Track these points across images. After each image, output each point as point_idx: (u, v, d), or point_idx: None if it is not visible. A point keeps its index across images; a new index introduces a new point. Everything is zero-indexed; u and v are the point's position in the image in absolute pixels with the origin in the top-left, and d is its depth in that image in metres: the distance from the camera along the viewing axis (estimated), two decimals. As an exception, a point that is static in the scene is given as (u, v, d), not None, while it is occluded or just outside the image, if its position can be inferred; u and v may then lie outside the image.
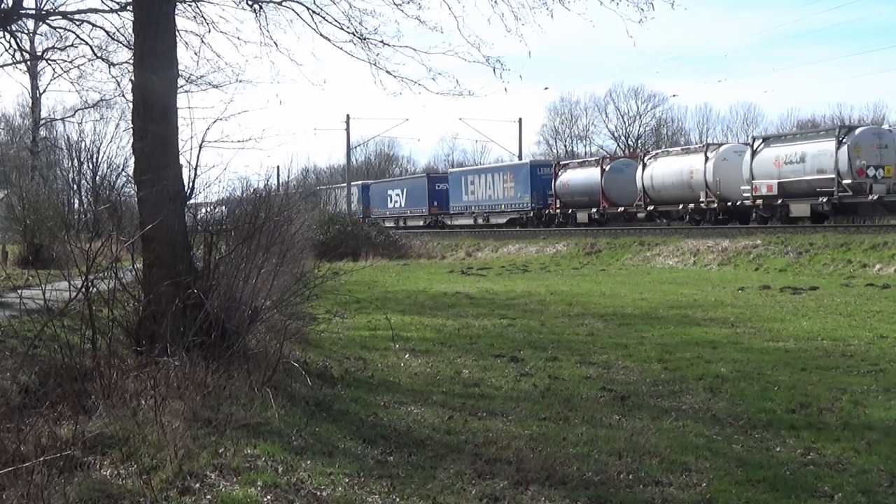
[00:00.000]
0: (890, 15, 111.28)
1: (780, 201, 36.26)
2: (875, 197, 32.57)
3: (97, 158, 47.38)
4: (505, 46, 38.19)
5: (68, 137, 49.03)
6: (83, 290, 8.10)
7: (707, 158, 40.61)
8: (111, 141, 50.16)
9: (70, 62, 24.89)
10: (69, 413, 7.60)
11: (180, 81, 12.11)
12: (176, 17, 11.20)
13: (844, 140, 33.73)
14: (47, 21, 23.02)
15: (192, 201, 11.03)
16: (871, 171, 33.13)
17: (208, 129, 10.92)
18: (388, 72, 15.31)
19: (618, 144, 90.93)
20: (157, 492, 6.16)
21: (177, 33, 11.58)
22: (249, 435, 7.54)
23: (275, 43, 17.35)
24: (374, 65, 15.26)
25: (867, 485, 6.73)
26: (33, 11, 22.96)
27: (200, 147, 10.60)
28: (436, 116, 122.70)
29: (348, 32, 15.04)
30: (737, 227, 37.75)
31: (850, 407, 9.13)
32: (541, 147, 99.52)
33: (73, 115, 42.89)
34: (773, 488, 6.67)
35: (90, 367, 8.43)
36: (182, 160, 10.50)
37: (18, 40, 23.66)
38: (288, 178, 20.16)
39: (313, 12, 14.97)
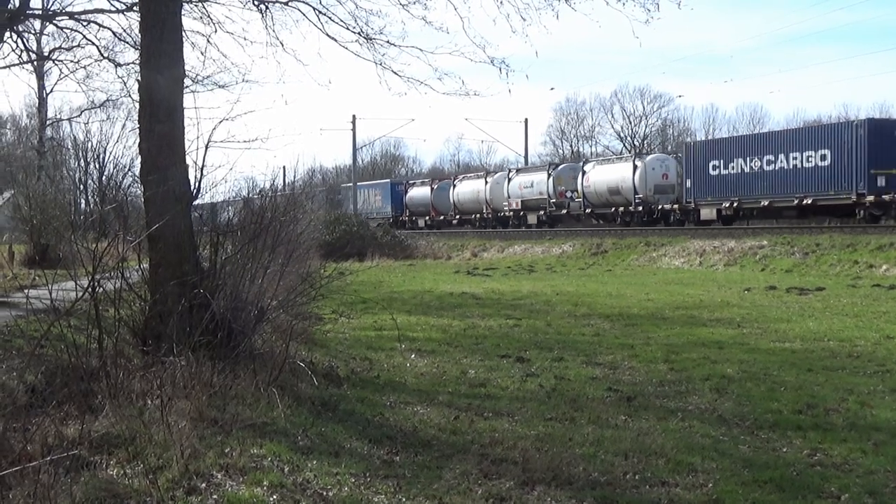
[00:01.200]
0: (894, 16, 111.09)
1: (522, 213, 54.83)
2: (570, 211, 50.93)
3: (103, 158, 47.53)
4: (511, 47, 38.17)
5: (75, 137, 49.20)
6: (90, 289, 8.11)
7: (487, 182, 59.06)
8: (117, 141, 50.35)
9: (76, 62, 24.95)
10: (75, 413, 7.60)
11: (186, 82, 12.17)
12: (182, 17, 11.21)
13: (552, 173, 52.55)
14: (54, 21, 23.06)
15: (200, 201, 11.05)
16: (568, 194, 50.90)
17: (214, 129, 10.93)
18: (393, 72, 15.34)
19: (624, 145, 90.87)
20: (163, 491, 6.17)
21: (183, 33, 11.59)
22: (255, 435, 7.54)
23: (281, 43, 17.49)
24: (380, 65, 15.30)
25: (874, 486, 6.72)
26: (40, 12, 22.99)
27: (207, 147, 10.60)
28: (442, 117, 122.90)
29: (354, 32, 15.08)
30: (741, 227, 37.76)
31: (856, 408, 9.12)
32: (547, 147, 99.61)
33: (79, 116, 43.06)
34: (780, 489, 6.66)
35: (96, 367, 8.43)
36: (188, 160, 10.52)
37: (25, 41, 23.75)
38: (294, 178, 20.15)
39: (319, 12, 15.02)
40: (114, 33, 21.21)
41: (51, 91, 41.38)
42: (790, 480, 6.84)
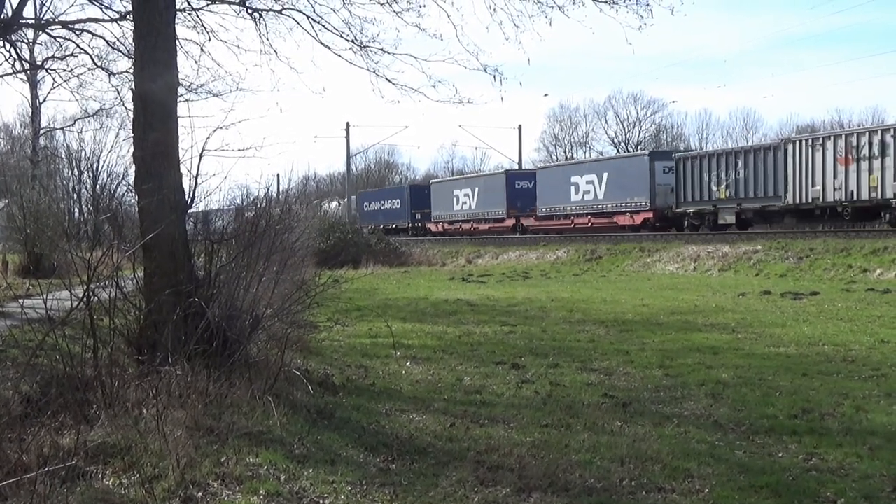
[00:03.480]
0: (889, 20, 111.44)
1: None
2: None
3: (97, 167, 47.44)
4: (504, 54, 38.23)
5: (68, 147, 49.09)
6: (84, 299, 8.10)
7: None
8: (111, 150, 50.37)
9: (70, 71, 24.91)
10: (71, 423, 7.58)
11: (180, 90, 12.14)
12: (176, 25, 11.20)
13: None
14: (47, 31, 23.06)
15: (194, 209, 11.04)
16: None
17: (209, 137, 10.93)
18: (387, 79, 15.34)
19: (618, 150, 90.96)
20: (159, 501, 6.16)
21: (177, 42, 11.58)
22: (251, 443, 7.53)
23: (275, 51, 17.46)
24: (374, 72, 15.29)
25: (870, 490, 6.73)
26: (33, 21, 23.00)
27: (201, 155, 10.60)
28: (435, 124, 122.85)
29: (348, 40, 15.08)
30: (736, 232, 37.80)
31: (851, 412, 9.13)
32: (541, 154, 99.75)
33: (73, 125, 42.90)
34: (776, 494, 6.66)
35: (92, 377, 8.41)
36: (183, 169, 10.51)
37: (18, 50, 23.69)
38: (288, 185, 20.17)
39: (313, 20, 15.01)
40: (107, 42, 21.21)
41: (44, 100, 41.34)
42: (786, 485, 6.84)
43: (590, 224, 48.31)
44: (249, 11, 15.97)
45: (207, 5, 17.43)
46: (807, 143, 35.79)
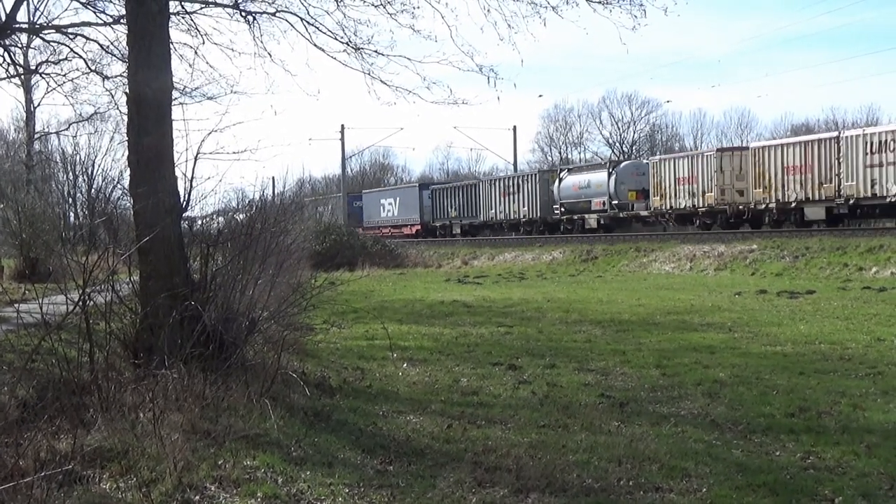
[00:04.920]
0: (882, 19, 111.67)
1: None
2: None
3: (92, 171, 47.49)
4: (498, 55, 38.25)
5: (63, 151, 49.15)
6: (80, 303, 8.09)
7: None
8: (106, 154, 50.24)
9: (64, 76, 24.83)
10: (68, 427, 7.57)
11: (175, 94, 12.13)
12: (169, 29, 11.19)
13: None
14: (41, 35, 22.98)
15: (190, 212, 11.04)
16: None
17: (203, 140, 10.93)
18: (382, 81, 15.32)
19: (612, 151, 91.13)
20: (156, 505, 6.16)
21: (170, 45, 11.57)
22: (248, 446, 7.53)
23: (269, 54, 17.46)
24: (369, 74, 15.28)
25: (867, 488, 6.73)
26: (27, 25, 22.92)
27: (196, 159, 10.61)
28: (430, 125, 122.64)
29: (342, 42, 15.06)
30: (731, 232, 37.86)
31: (848, 410, 9.14)
32: (535, 154, 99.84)
33: (67, 129, 43.00)
34: (774, 493, 6.67)
35: (88, 381, 8.41)
36: (178, 172, 10.51)
37: (12, 54, 23.64)
38: (283, 188, 20.16)
39: (307, 23, 14.99)
40: (101, 46, 21.14)
41: (38, 104, 41.29)
42: (784, 484, 6.85)
43: (390, 233, 64.67)
44: (243, 14, 15.95)
45: (201, 8, 17.39)
46: (487, 183, 59.20)
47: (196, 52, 19.29)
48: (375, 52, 15.10)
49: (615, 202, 47.04)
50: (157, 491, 6.38)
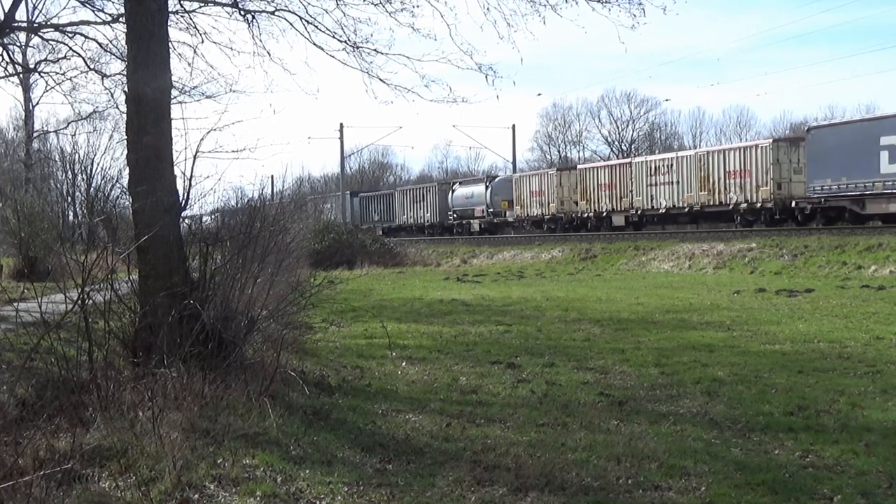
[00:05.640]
0: (881, 17, 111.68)
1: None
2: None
3: (91, 170, 47.42)
4: (497, 53, 38.20)
5: (62, 150, 49.07)
6: (79, 302, 8.09)
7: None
8: (105, 153, 50.37)
9: (63, 74, 24.82)
10: (67, 426, 7.58)
11: (174, 92, 12.13)
12: (168, 28, 11.18)
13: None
14: (39, 34, 22.98)
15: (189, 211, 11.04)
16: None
17: (202, 139, 10.91)
18: (381, 80, 15.31)
19: (611, 149, 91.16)
20: (156, 503, 6.15)
21: (170, 44, 11.55)
22: (248, 445, 7.52)
23: (268, 53, 17.48)
24: (367, 73, 15.26)
25: (866, 486, 6.74)
26: (25, 24, 22.92)
27: (195, 158, 10.59)
28: (429, 124, 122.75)
29: (341, 41, 15.04)
30: (731, 230, 37.92)
31: (847, 409, 9.14)
32: (534, 153, 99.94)
33: (66, 128, 42.94)
34: (773, 491, 6.67)
35: (87, 380, 8.41)
36: (177, 171, 10.50)
37: (11, 53, 23.64)
38: (282, 187, 20.14)
39: (306, 22, 14.97)
40: (100, 45, 21.15)
41: (37, 103, 41.23)
42: (783, 482, 6.85)
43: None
44: (242, 13, 15.93)
45: (200, 7, 17.38)
46: (401, 192, 69.34)
47: (195, 51, 19.29)
48: (374, 50, 15.08)
49: (491, 210, 57.99)
50: (156, 490, 6.38)
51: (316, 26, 14.99)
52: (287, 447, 7.70)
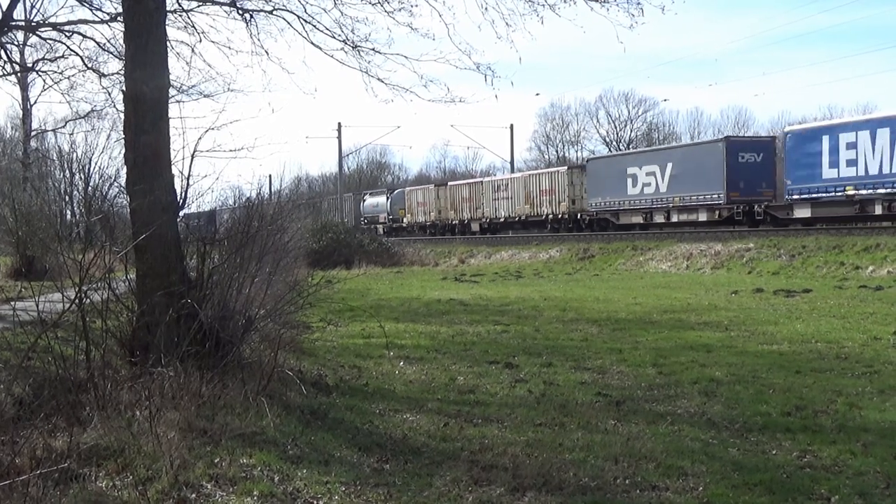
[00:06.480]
0: (879, 17, 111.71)
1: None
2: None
3: (89, 169, 47.25)
4: (496, 53, 38.16)
5: (60, 148, 48.91)
6: (77, 301, 8.08)
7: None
8: (103, 152, 50.18)
9: (60, 73, 24.84)
10: (64, 425, 7.56)
11: (172, 91, 12.11)
12: (166, 27, 11.17)
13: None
14: (37, 33, 22.97)
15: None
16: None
17: (200, 138, 10.88)
18: (379, 79, 15.32)
19: (609, 149, 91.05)
20: (152, 503, 6.15)
21: (167, 43, 11.55)
22: (245, 444, 7.51)
23: (266, 52, 17.38)
24: (366, 72, 15.26)
25: (864, 487, 6.74)
26: (23, 23, 22.89)
27: (193, 157, 10.57)
28: (427, 124, 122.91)
29: (339, 40, 15.04)
30: (729, 230, 37.90)
31: (845, 409, 9.14)
32: (532, 153, 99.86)
33: (64, 127, 42.81)
34: (770, 491, 6.67)
35: (84, 379, 8.39)
36: (174, 170, 10.48)
37: (8, 52, 23.65)
38: (280, 186, 20.11)
39: (304, 21, 14.98)
40: (98, 44, 21.15)
41: (35, 102, 41.25)
42: (780, 483, 6.85)
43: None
44: (240, 12, 15.93)
45: (198, 6, 17.38)
46: (326, 201, 74.92)
47: (193, 50, 19.31)
48: (373, 50, 15.09)
49: (391, 217, 68.00)
50: (153, 489, 6.37)
51: (314, 25, 15.01)
52: (284, 447, 7.69)
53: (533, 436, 8.36)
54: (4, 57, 22.99)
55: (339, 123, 72.71)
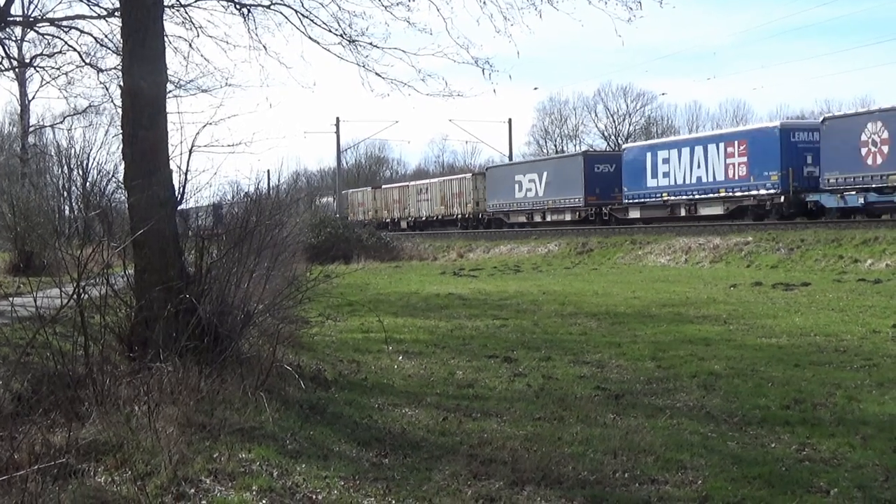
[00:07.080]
0: (877, 11, 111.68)
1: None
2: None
3: (87, 165, 47.40)
4: (494, 47, 38.17)
5: (58, 144, 49.04)
6: (75, 296, 8.06)
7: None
8: (101, 147, 50.28)
9: (58, 69, 24.75)
10: (62, 420, 7.55)
11: (169, 86, 12.08)
12: (164, 22, 11.15)
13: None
14: (35, 28, 22.94)
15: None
16: None
17: (198, 133, 10.90)
18: (377, 74, 15.28)
19: (608, 143, 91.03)
20: (151, 498, 6.14)
21: (165, 38, 11.52)
22: (244, 439, 7.51)
23: (264, 46, 17.32)
24: (363, 67, 15.23)
25: (863, 480, 6.74)
26: (21, 18, 22.88)
27: (190, 152, 10.55)
28: (425, 118, 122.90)
29: (337, 35, 15.01)
30: (728, 224, 37.91)
31: (844, 402, 9.15)
32: (531, 148, 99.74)
33: (62, 122, 42.84)
34: (769, 484, 6.67)
35: (83, 374, 8.38)
36: (172, 165, 10.47)
37: (6, 47, 23.64)
38: (278, 181, 20.11)
39: (302, 15, 14.94)
40: (95, 39, 21.10)
41: (33, 98, 41.28)
42: (779, 476, 6.86)
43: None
44: (238, 7, 15.91)
45: (196, 1, 17.37)
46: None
47: (191, 45, 19.24)
48: (370, 44, 15.05)
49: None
50: (152, 484, 6.36)
51: (312, 20, 14.97)
52: (283, 441, 7.68)
53: (532, 430, 8.37)
54: (2, 52, 23.02)
55: (338, 118, 72.91)
